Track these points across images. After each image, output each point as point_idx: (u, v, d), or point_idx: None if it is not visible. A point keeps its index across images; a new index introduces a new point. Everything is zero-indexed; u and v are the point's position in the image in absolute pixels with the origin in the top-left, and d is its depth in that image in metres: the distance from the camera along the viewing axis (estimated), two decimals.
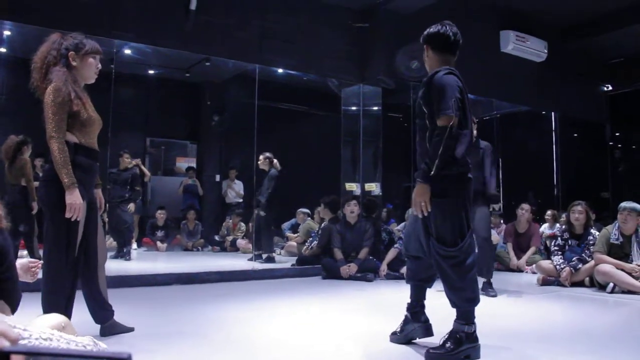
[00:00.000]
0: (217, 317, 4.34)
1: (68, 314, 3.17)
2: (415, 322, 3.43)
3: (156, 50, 7.83)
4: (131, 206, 8.71)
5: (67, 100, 3.13)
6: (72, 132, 3.21)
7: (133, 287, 5.82)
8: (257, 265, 7.74)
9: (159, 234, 10.52)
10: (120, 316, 3.73)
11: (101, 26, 6.57)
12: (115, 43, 7.33)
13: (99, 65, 3.40)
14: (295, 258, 8.30)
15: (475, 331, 3.13)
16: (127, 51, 8.23)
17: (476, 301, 3.15)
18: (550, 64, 10.17)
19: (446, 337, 3.14)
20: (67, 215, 3.07)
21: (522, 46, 9.51)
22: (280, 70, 8.81)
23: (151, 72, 11.24)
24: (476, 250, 3.20)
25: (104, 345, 1.64)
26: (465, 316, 3.14)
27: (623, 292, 5.70)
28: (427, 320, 3.45)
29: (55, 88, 3.11)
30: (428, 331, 3.42)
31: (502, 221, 9.66)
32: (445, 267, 3.13)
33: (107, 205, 8.83)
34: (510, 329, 3.92)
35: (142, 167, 10.46)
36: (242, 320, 4.25)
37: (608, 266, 5.84)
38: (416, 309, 3.46)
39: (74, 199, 3.06)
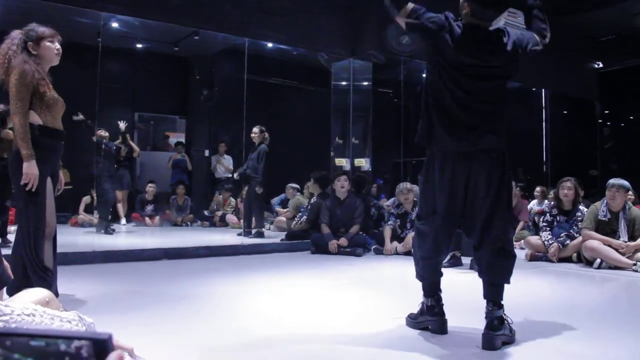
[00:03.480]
0: (205, 292, 4.33)
1: (53, 290, 3.19)
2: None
3: (144, 23, 7.72)
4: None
5: (31, 81, 3.32)
6: (37, 113, 3.38)
7: (121, 262, 5.81)
8: (247, 240, 7.73)
9: (149, 208, 10.50)
10: (106, 291, 3.74)
11: None
12: (102, 16, 7.21)
13: (58, 47, 3.53)
14: (285, 233, 8.31)
15: (435, 305, 3.12)
16: (115, 24, 8.11)
17: (421, 279, 3.19)
18: None
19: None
20: (22, 182, 3.25)
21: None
22: (270, 45, 8.74)
23: (139, 45, 11.10)
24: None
25: (90, 320, 1.62)
26: (422, 288, 3.20)
27: (610, 267, 5.74)
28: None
29: (20, 69, 3.30)
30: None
31: None
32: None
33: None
34: None
35: (131, 143, 10.39)
36: (230, 295, 4.25)
37: (595, 242, 5.88)
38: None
39: (31, 169, 3.26)
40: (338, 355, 2.72)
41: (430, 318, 3.14)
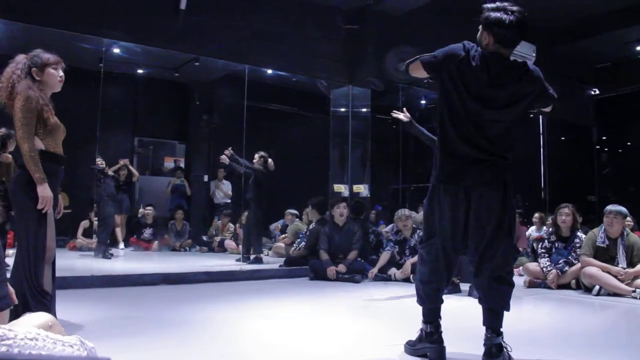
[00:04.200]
0: (205, 318, 4.32)
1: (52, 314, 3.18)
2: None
3: (145, 49, 7.81)
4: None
5: (36, 106, 3.35)
6: (40, 138, 3.41)
7: (119, 287, 5.80)
8: (245, 266, 7.72)
9: (147, 232, 10.49)
10: (105, 316, 3.73)
11: (90, 25, 6.57)
12: (104, 42, 7.29)
13: (62, 74, 3.57)
14: (283, 259, 8.30)
15: (433, 332, 3.11)
16: (116, 50, 8.19)
17: (421, 303, 3.18)
18: (539, 67, 10.21)
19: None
20: (39, 206, 3.28)
21: (519, 51, 9.56)
22: (269, 71, 8.82)
23: (140, 71, 11.19)
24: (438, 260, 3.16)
25: (91, 345, 1.63)
26: (422, 313, 3.20)
27: (609, 294, 5.73)
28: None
29: (25, 95, 3.32)
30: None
31: None
32: None
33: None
34: None
35: (131, 167, 10.43)
36: (229, 321, 4.24)
37: (594, 269, 5.88)
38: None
39: (46, 192, 3.29)
40: None
41: (429, 345, 3.14)
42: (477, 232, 2.97)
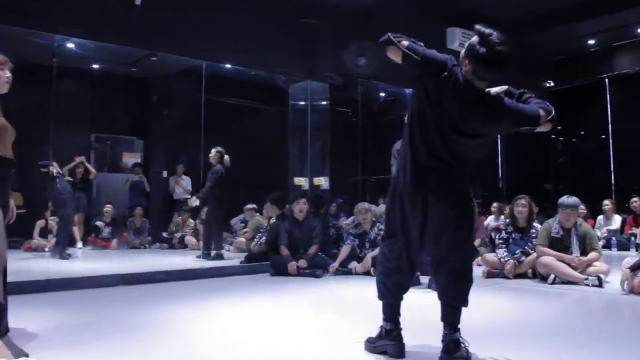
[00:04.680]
0: (164, 319, 4.29)
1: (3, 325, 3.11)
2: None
3: (100, 44, 7.66)
4: None
5: None
6: None
7: (76, 290, 5.68)
8: (205, 264, 7.67)
9: (106, 231, 10.33)
10: (60, 322, 3.66)
11: (42, 21, 6.40)
12: (57, 37, 7.14)
13: (8, 74, 3.41)
14: (244, 254, 8.27)
15: (393, 329, 3.16)
16: (70, 45, 8.01)
17: (382, 298, 3.21)
18: None
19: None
20: None
21: (468, 42, 9.67)
22: (227, 65, 8.73)
23: (96, 66, 11.00)
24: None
25: None
26: (382, 310, 3.23)
27: (563, 282, 5.88)
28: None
29: None
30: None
31: None
32: None
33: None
34: None
35: (87, 164, 10.26)
36: (188, 322, 4.22)
37: (549, 258, 6.02)
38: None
39: None
40: None
41: (389, 342, 3.17)
42: (435, 235, 3.01)
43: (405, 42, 2.92)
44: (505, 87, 3.04)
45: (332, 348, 3.41)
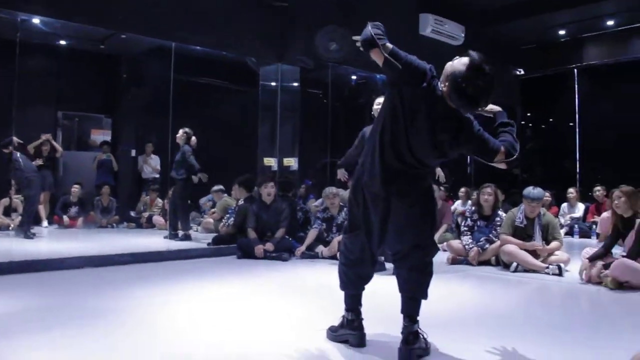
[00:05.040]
0: (128, 304, 4.28)
1: None
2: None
3: (66, 22, 7.49)
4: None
5: None
6: None
7: (40, 272, 5.62)
8: (172, 245, 7.64)
9: (72, 210, 10.21)
10: (21, 307, 3.63)
11: None
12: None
13: None
14: (213, 235, 8.27)
15: (354, 319, 3.23)
16: (35, 20, 7.80)
17: (344, 288, 3.28)
18: (467, 48, 10.40)
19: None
20: None
21: (440, 29, 9.73)
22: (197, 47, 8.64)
23: (62, 42, 10.76)
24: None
25: None
26: (344, 300, 3.29)
27: (525, 270, 6.03)
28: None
29: None
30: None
31: None
32: None
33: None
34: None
35: (53, 142, 10.10)
36: (154, 307, 4.22)
37: (512, 247, 6.15)
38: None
39: None
40: None
41: (350, 332, 3.23)
42: (397, 232, 3.05)
43: (389, 45, 2.85)
44: (498, 109, 3.09)
45: (295, 335, 3.46)
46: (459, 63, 2.76)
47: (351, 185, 3.23)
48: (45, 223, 9.71)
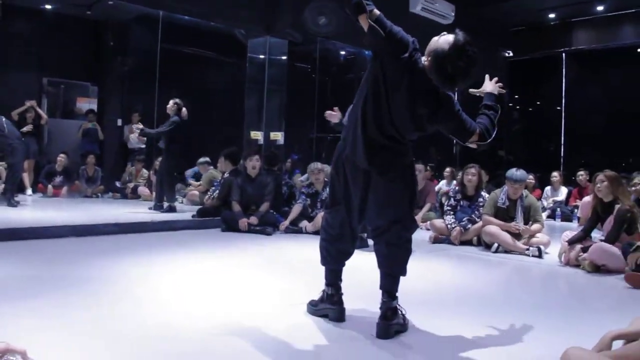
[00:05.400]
0: (112, 274, 4.30)
1: None
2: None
3: None
4: None
5: None
6: None
7: (23, 241, 5.61)
8: (157, 217, 7.64)
9: (57, 180, 10.14)
10: (7, 274, 3.63)
11: None
12: None
13: None
14: (198, 207, 8.27)
15: (334, 294, 3.27)
16: None
17: (324, 264, 3.31)
18: (456, 27, 10.36)
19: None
20: None
21: (430, 7, 9.70)
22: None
23: (48, 6, 10.62)
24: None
25: None
26: (325, 275, 3.34)
27: (505, 251, 6.11)
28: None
29: None
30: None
31: None
32: None
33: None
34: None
35: (38, 109, 10.01)
36: (137, 278, 4.25)
37: (494, 227, 6.22)
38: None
39: None
40: (234, 342, 2.80)
41: (330, 306, 3.28)
42: (377, 208, 3.08)
43: (376, 12, 2.82)
44: (490, 90, 3.16)
45: (276, 308, 3.51)
46: (444, 40, 2.78)
47: (333, 161, 3.25)
48: (29, 191, 9.68)
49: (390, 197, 3.05)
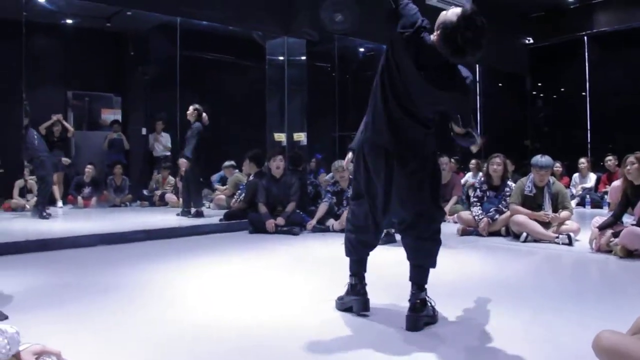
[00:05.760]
0: (140, 280, 4.35)
1: None
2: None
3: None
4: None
5: None
6: None
7: (56, 250, 5.71)
8: (184, 222, 7.72)
9: (86, 190, 10.29)
10: (37, 284, 3.70)
11: None
12: None
13: None
14: (224, 211, 8.33)
15: (357, 284, 3.27)
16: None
17: (348, 254, 3.31)
18: None
19: None
20: None
21: None
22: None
23: (69, 21, 10.78)
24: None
25: (13, 330, 1.62)
26: (349, 266, 3.34)
27: (535, 240, 6.04)
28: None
29: None
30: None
31: None
32: None
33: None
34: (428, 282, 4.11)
35: (64, 123, 10.17)
36: (166, 282, 4.28)
37: (522, 217, 6.15)
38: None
39: None
40: (265, 341, 2.81)
41: (354, 297, 3.28)
42: (401, 201, 3.06)
43: None
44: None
45: (306, 306, 3.51)
46: (452, 13, 2.77)
47: (354, 155, 3.25)
48: (60, 203, 9.84)
49: (411, 189, 3.03)
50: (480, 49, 2.78)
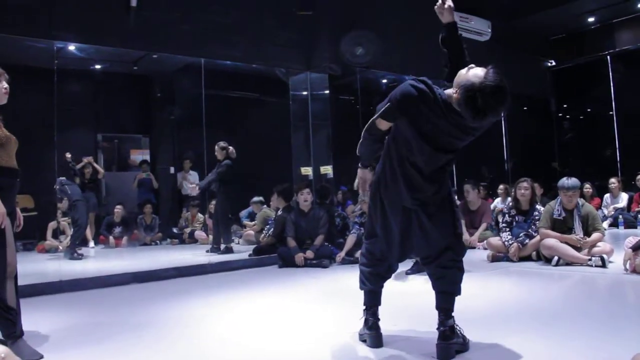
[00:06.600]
0: (171, 317, 4.38)
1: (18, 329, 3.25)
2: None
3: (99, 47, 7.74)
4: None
5: None
6: None
7: (88, 290, 5.80)
8: (214, 258, 7.77)
9: (117, 230, 10.45)
10: (71, 323, 3.75)
11: (39, 27, 6.49)
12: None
13: (6, 86, 3.42)
14: (254, 246, 8.37)
15: (369, 319, 3.28)
16: (71, 47, 8.08)
17: (362, 287, 3.33)
18: (495, 42, 10.36)
19: None
20: None
21: (466, 26, 9.70)
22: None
23: (97, 66, 11.06)
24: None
25: None
26: (363, 299, 3.35)
27: (567, 264, 5.95)
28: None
29: None
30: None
31: (456, 198, 9.89)
32: None
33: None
34: (457, 309, 4.07)
35: (95, 164, 10.37)
36: (196, 319, 4.31)
37: (552, 240, 6.07)
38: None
39: (1, 208, 3.24)
40: None
41: (367, 332, 3.28)
42: (423, 241, 3.07)
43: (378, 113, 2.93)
44: None
45: (333, 337, 3.51)
46: (473, 74, 2.71)
47: (370, 193, 3.25)
48: (92, 244, 9.98)
49: (434, 230, 3.04)
50: (503, 111, 2.76)
